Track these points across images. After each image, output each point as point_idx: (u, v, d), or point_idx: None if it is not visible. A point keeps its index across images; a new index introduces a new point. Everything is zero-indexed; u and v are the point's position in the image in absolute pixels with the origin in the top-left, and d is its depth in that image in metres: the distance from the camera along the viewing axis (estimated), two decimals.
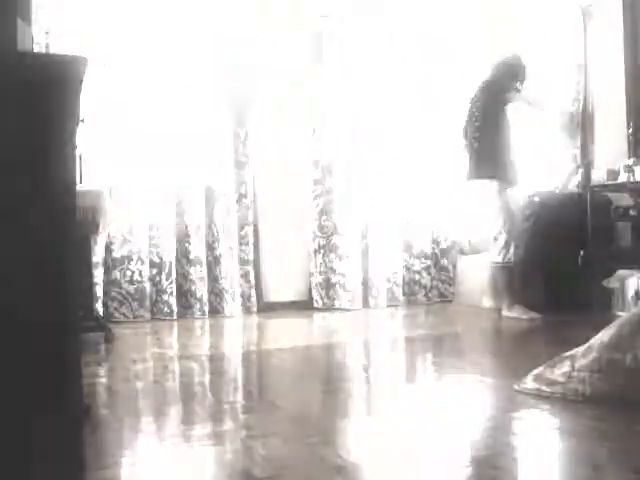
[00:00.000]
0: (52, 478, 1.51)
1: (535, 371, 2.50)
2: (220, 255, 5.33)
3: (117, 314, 4.93)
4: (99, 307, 4.80)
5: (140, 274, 5.01)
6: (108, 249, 4.98)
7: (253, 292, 5.44)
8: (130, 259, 5.02)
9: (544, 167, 5.90)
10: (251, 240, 5.47)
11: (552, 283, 4.91)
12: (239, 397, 2.72)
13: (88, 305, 3.80)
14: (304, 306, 5.51)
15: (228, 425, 2.22)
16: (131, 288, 4.99)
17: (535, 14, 5.85)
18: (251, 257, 5.47)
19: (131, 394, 2.74)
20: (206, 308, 5.21)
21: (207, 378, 3.05)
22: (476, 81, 5.23)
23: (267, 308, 5.48)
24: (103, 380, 2.94)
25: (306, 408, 2.45)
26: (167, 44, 5.22)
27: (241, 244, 5.44)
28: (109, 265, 4.98)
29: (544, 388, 2.36)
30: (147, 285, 5.03)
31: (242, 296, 5.39)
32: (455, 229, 6.12)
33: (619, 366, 2.22)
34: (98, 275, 4.85)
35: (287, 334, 4.44)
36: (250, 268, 5.46)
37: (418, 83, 5.93)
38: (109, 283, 4.96)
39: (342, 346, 3.95)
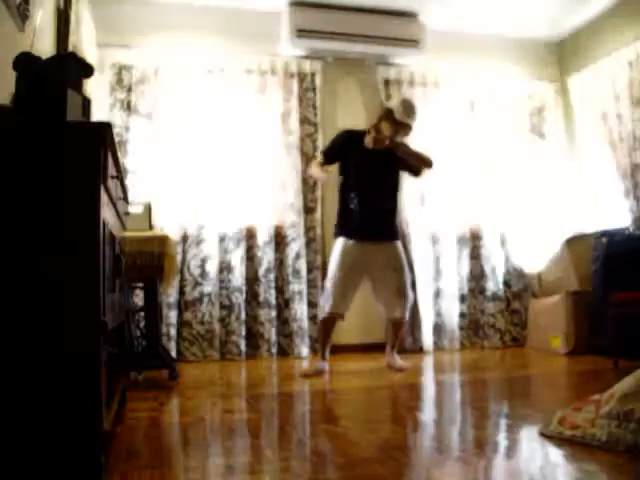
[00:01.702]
0: None
1: (561, 414, 2.50)
2: (290, 298, 5.52)
3: (188, 353, 5.18)
4: (172, 346, 5.08)
5: (210, 315, 5.25)
6: (181, 291, 5.26)
7: None
8: (201, 301, 5.27)
9: (613, 204, 5.77)
10: (319, 283, 5.62)
11: (624, 327, 4.75)
12: (272, 437, 2.83)
13: (153, 343, 4.03)
14: (374, 348, 5.57)
15: (251, 463, 2.33)
16: (202, 329, 5.23)
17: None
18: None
19: (172, 428, 2.91)
20: (274, 349, 5.37)
21: (252, 417, 3.17)
22: None
23: (335, 350, 5.56)
24: (151, 414, 3.12)
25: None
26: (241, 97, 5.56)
27: (310, 287, 5.60)
28: (182, 306, 5.25)
29: (566, 432, 2.36)
30: (217, 326, 5.25)
31: (310, 338, 5.53)
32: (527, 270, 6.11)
33: (635, 415, 2.20)
34: (171, 316, 5.14)
35: (351, 374, 4.52)
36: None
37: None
38: (182, 324, 5.23)
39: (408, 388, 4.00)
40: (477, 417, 3.04)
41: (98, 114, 4.55)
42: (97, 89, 4.82)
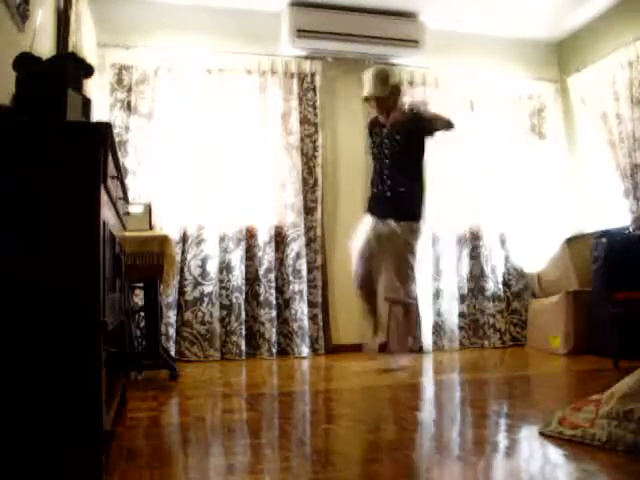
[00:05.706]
0: None
1: (561, 414, 2.50)
2: (290, 298, 5.52)
3: (188, 353, 5.18)
4: (171, 346, 5.08)
5: (211, 315, 5.25)
6: (182, 291, 5.26)
7: (321, 334, 5.58)
8: (201, 301, 5.27)
9: (613, 204, 5.77)
10: (319, 283, 5.63)
11: (625, 327, 4.73)
12: (272, 437, 2.83)
13: (153, 343, 4.03)
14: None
15: (246, 464, 2.33)
16: (202, 329, 5.23)
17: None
18: (320, 300, 5.62)
19: (172, 428, 2.91)
20: (274, 349, 5.37)
21: (252, 417, 3.17)
22: None
23: (335, 350, 5.58)
24: (151, 414, 3.12)
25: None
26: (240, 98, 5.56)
27: (310, 287, 5.60)
28: (182, 306, 5.25)
29: (566, 432, 2.36)
30: (217, 326, 5.25)
31: (310, 338, 5.53)
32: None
33: (635, 415, 2.20)
34: (171, 316, 5.14)
35: (351, 374, 4.52)
36: (319, 310, 5.60)
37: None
38: (182, 324, 5.23)
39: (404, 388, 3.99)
40: (477, 417, 3.03)
41: (98, 114, 4.56)
42: (97, 89, 4.82)
